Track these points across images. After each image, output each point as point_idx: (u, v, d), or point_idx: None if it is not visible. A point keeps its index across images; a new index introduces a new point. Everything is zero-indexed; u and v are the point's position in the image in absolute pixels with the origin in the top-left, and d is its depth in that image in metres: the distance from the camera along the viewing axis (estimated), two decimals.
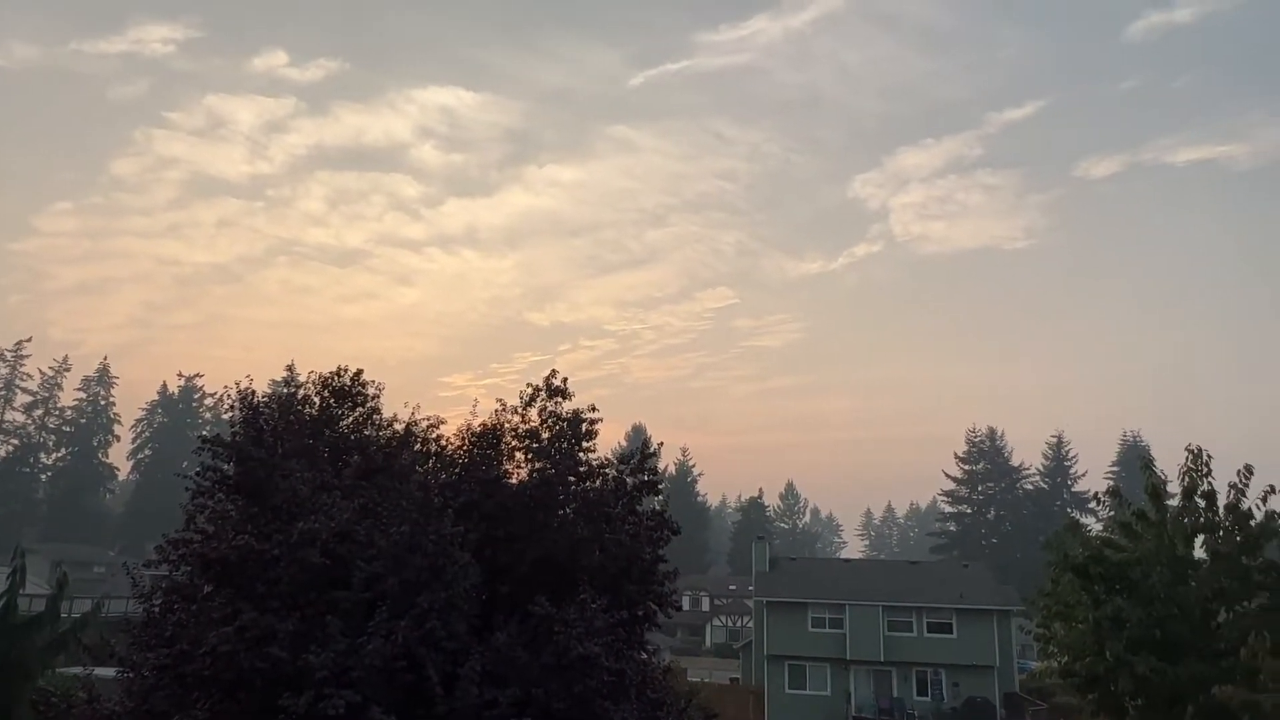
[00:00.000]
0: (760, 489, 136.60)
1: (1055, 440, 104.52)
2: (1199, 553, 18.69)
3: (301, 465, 14.48)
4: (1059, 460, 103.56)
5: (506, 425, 16.39)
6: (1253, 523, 18.02)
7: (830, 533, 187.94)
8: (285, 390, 17.16)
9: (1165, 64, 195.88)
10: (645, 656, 15.50)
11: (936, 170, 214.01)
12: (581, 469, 15.98)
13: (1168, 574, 18.01)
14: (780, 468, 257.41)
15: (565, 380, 16.56)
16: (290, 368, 17.63)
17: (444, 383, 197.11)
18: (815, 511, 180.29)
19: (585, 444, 16.19)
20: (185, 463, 60.17)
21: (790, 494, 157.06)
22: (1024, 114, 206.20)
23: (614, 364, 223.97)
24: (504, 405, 16.62)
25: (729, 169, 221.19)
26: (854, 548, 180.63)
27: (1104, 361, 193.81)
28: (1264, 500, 18.01)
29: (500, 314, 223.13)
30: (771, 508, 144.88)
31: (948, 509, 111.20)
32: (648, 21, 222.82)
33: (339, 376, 17.12)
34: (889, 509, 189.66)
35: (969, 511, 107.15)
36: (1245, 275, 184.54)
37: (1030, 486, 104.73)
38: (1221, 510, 18.44)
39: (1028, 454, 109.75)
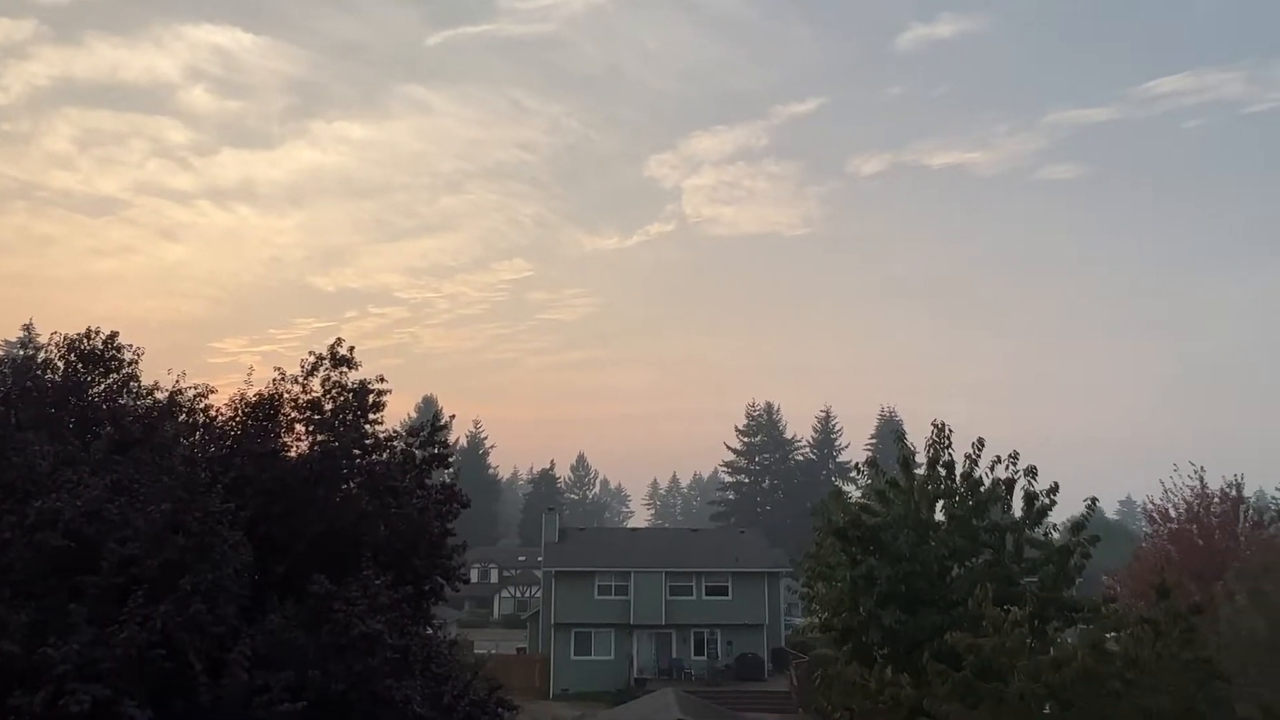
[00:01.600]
0: (552, 461, 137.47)
1: (824, 415, 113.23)
2: (939, 516, 20.84)
3: (41, 437, 12.98)
4: (827, 433, 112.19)
5: (286, 395, 15.49)
6: (982, 489, 20.37)
7: (619, 503, 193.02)
8: (22, 353, 15.26)
9: (927, 74, 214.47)
10: (430, 631, 15.28)
11: (727, 156, 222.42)
12: (368, 441, 15.42)
13: (913, 535, 19.96)
14: (572, 440, 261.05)
15: (352, 349, 15.87)
16: (28, 327, 15.77)
17: (215, 348, 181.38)
18: (605, 483, 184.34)
19: (372, 416, 15.64)
20: None
21: (581, 466, 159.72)
22: (806, 109, 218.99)
23: (404, 333, 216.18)
24: (283, 374, 15.69)
25: (528, 139, 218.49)
26: (641, 517, 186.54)
27: (867, 342, 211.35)
28: (991, 469, 20.42)
29: (280, 276, 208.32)
30: (563, 479, 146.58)
31: (727, 479, 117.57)
32: None
33: (89, 339, 15.41)
34: (674, 479, 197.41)
35: (746, 481, 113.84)
36: (984, 271, 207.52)
37: (801, 458, 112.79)
38: (958, 478, 20.67)
39: (800, 427, 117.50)
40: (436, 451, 16.39)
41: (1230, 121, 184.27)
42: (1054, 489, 20.01)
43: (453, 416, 21.47)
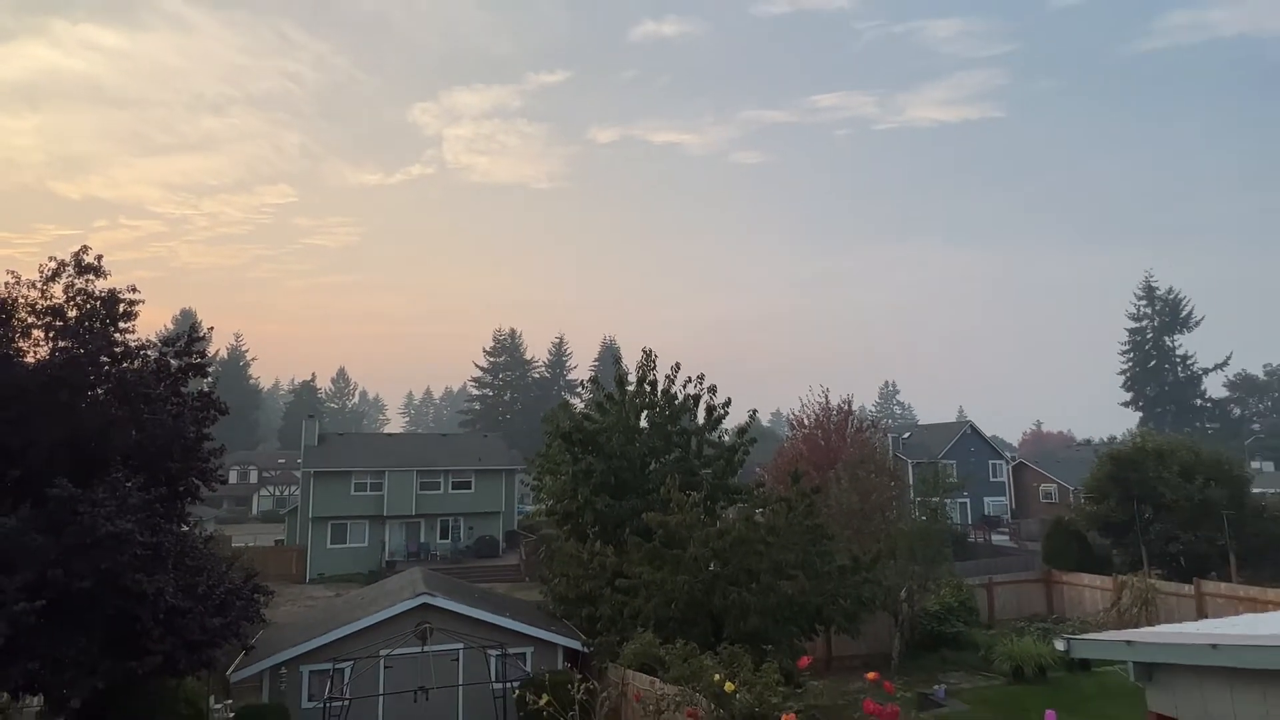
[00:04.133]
0: (313, 373, 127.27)
1: (558, 341, 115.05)
2: (644, 423, 22.20)
3: None
4: (559, 356, 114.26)
5: (21, 300, 12.79)
6: (676, 403, 21.93)
7: (376, 412, 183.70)
8: None
9: (654, 64, 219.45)
10: (185, 528, 13.72)
11: (484, 112, 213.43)
12: (118, 350, 13.22)
13: (623, 438, 21.12)
14: (334, 355, 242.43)
15: (100, 257, 13.40)
16: None
17: None
18: (364, 394, 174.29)
19: (123, 324, 13.39)
20: None
21: (341, 378, 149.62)
22: (555, 79, 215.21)
23: (161, 246, 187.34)
24: (18, 278, 12.92)
25: (295, 72, 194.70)
26: (396, 424, 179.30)
27: (595, 281, 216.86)
28: (684, 387, 22.03)
29: (15, 179, 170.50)
30: (323, 390, 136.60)
31: (475, 392, 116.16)
32: None
33: None
34: (428, 391, 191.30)
35: (491, 394, 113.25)
36: (688, 233, 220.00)
37: (537, 375, 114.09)
38: (660, 394, 22.07)
39: (538, 350, 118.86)
40: (194, 361, 14.46)
41: (864, 135, 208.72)
42: (727, 403, 22.04)
43: (211, 328, 19.10)
